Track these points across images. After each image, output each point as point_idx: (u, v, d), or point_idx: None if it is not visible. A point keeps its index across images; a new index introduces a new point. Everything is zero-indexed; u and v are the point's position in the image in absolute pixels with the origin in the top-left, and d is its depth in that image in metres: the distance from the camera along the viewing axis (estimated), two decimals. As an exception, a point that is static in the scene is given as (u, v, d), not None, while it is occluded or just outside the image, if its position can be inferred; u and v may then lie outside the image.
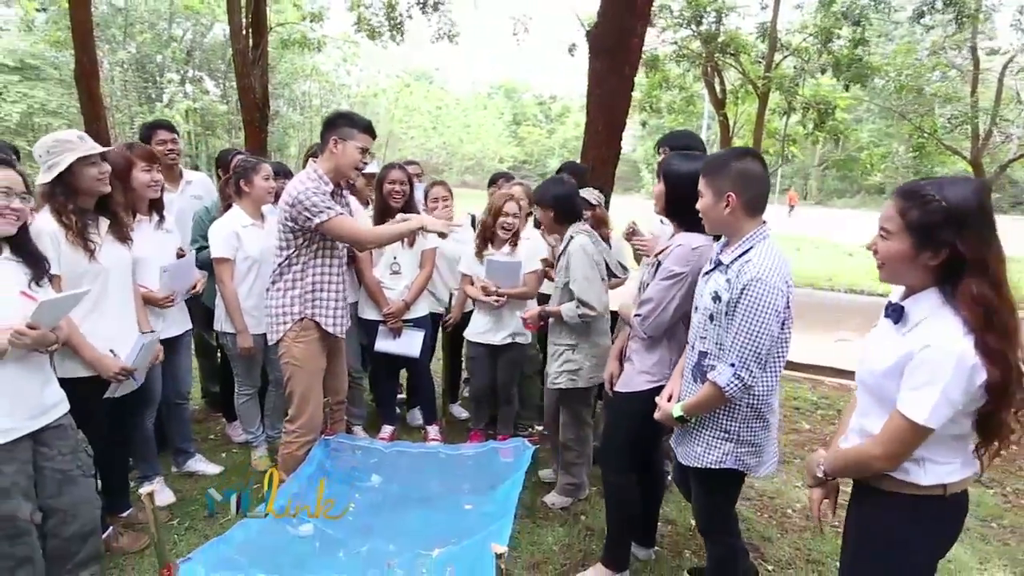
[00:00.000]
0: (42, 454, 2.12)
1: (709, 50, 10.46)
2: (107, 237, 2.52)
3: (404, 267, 3.65)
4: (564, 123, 47.01)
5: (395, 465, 3.18)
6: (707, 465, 2.05)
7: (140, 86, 21.77)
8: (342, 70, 24.77)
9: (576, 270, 2.90)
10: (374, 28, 10.51)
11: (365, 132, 2.80)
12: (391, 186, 3.51)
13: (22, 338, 1.91)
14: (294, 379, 2.88)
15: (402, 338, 3.65)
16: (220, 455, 3.67)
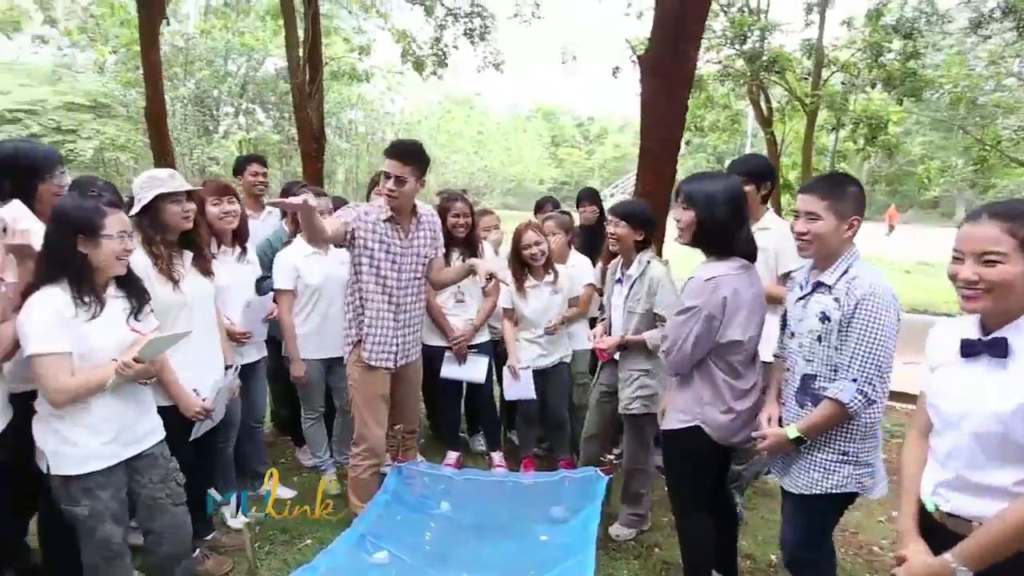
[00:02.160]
0: (136, 481, 2.21)
1: (754, 69, 10.34)
2: (191, 270, 2.63)
3: (469, 296, 3.68)
4: (603, 144, 47.01)
5: (466, 493, 3.18)
6: (827, 490, 1.98)
7: (199, 119, 22.74)
8: (386, 98, 25.43)
9: (664, 297, 2.87)
10: (419, 60, 10.77)
11: (386, 156, 2.83)
12: (455, 219, 3.55)
13: (127, 370, 1.99)
14: (354, 402, 3.00)
15: (467, 364, 3.67)
16: (292, 479, 3.72)
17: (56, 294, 1.96)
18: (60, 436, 2.01)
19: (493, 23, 9.98)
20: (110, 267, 2.04)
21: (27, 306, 1.94)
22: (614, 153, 44.35)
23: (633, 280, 2.98)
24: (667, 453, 2.55)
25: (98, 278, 2.04)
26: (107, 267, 2.03)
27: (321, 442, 3.64)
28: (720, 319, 2.20)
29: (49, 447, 2.01)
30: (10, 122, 16.67)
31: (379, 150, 26.02)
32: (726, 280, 2.19)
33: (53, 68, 18.55)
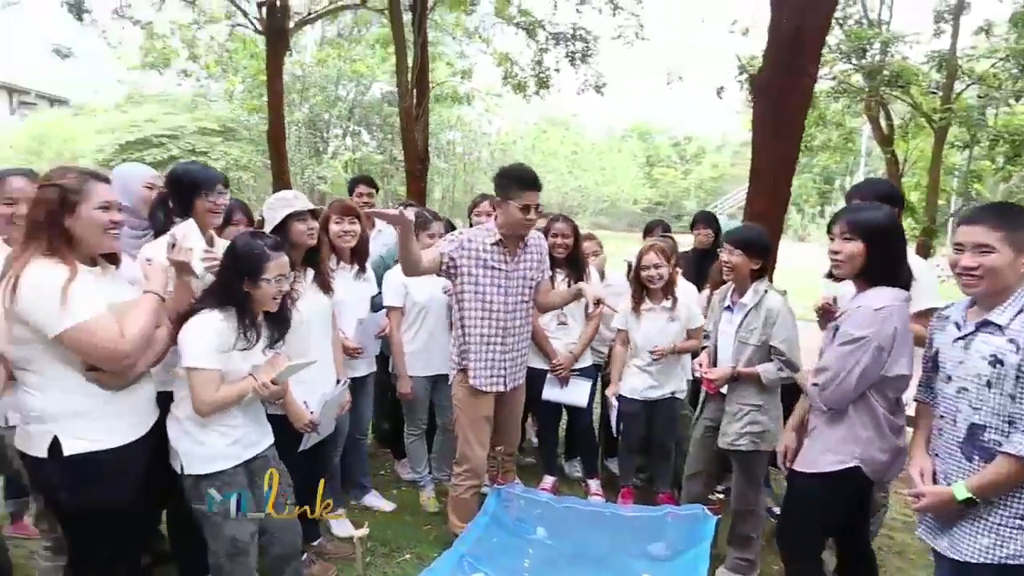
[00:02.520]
0: (252, 482, 2.33)
1: (874, 84, 9.64)
2: (311, 287, 2.77)
3: (572, 318, 3.64)
4: (700, 163, 45.66)
5: (563, 520, 3.12)
6: (1000, 560, 1.75)
7: (311, 141, 24.44)
8: (484, 119, 26.13)
9: (783, 329, 2.73)
10: (520, 83, 10.96)
11: (527, 188, 2.80)
12: (555, 239, 3.54)
13: (264, 391, 2.18)
14: (458, 421, 3.02)
15: (569, 387, 3.62)
16: (391, 491, 3.82)
17: (220, 319, 2.15)
18: (192, 437, 2.18)
19: (595, 45, 9.99)
20: (266, 305, 2.25)
21: (193, 322, 2.13)
22: (711, 173, 42.93)
23: (748, 309, 2.83)
24: (796, 495, 2.37)
25: (257, 312, 2.25)
26: (263, 305, 2.25)
27: (421, 458, 3.70)
28: (888, 351, 2.05)
29: (182, 447, 2.18)
30: (155, 146, 18.70)
31: (475, 169, 26.76)
32: (897, 310, 2.05)
33: (192, 97, 20.66)
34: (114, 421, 1.96)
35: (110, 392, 1.94)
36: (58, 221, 1.84)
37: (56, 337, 1.79)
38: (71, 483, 1.89)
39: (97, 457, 1.91)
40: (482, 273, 2.87)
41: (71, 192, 1.85)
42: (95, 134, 19.53)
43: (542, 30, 10.09)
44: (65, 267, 1.81)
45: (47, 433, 1.87)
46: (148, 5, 10.59)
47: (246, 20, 10.11)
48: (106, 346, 1.84)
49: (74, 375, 1.88)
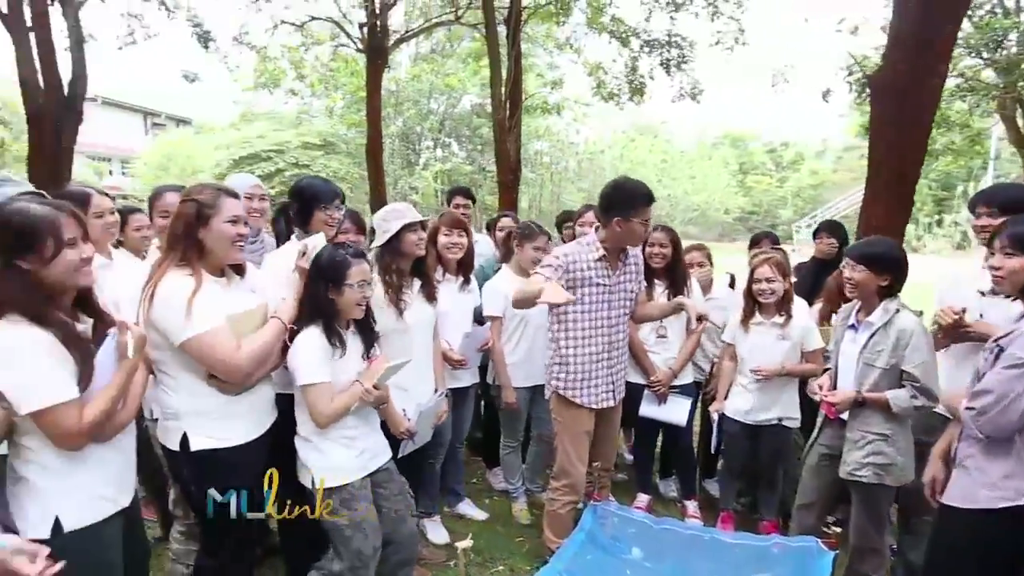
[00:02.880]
0: (379, 494, 2.40)
1: (1010, 80, 8.74)
2: (417, 296, 2.83)
3: (671, 331, 3.52)
4: (798, 171, 43.30)
5: (660, 542, 3.00)
6: None
7: (403, 153, 25.42)
8: (572, 129, 26.13)
9: (917, 352, 2.48)
10: (612, 93, 10.85)
11: (649, 204, 2.75)
12: (652, 248, 3.44)
13: (368, 396, 2.24)
14: (559, 437, 2.96)
15: (668, 404, 3.50)
16: (484, 500, 3.83)
17: (316, 334, 2.25)
18: (320, 452, 2.27)
19: (691, 52, 9.73)
20: (350, 312, 2.30)
21: (296, 344, 2.24)
22: (810, 180, 40.58)
23: (875, 329, 2.60)
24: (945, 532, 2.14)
25: (341, 321, 2.31)
26: (348, 312, 2.30)
27: (516, 469, 3.70)
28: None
29: (311, 463, 2.27)
30: (263, 160, 20.13)
31: (562, 179, 26.79)
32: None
33: (296, 114, 22.11)
34: (234, 421, 2.09)
35: (231, 395, 2.07)
36: (193, 233, 1.98)
37: (180, 345, 1.93)
38: (197, 476, 2.03)
39: (219, 454, 2.03)
40: (588, 291, 2.81)
41: (206, 206, 1.99)
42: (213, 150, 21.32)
43: (636, 38, 9.95)
44: (193, 279, 1.95)
45: (178, 429, 2.02)
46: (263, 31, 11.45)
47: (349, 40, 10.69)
48: (221, 358, 1.95)
49: (199, 379, 2.02)
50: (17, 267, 1.57)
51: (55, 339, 1.59)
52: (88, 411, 1.64)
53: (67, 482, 1.67)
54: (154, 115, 28.77)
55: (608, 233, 2.81)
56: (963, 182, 17.90)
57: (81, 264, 1.65)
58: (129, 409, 1.80)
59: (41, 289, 1.60)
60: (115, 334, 1.73)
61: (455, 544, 2.32)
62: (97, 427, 1.66)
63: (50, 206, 1.63)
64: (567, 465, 2.92)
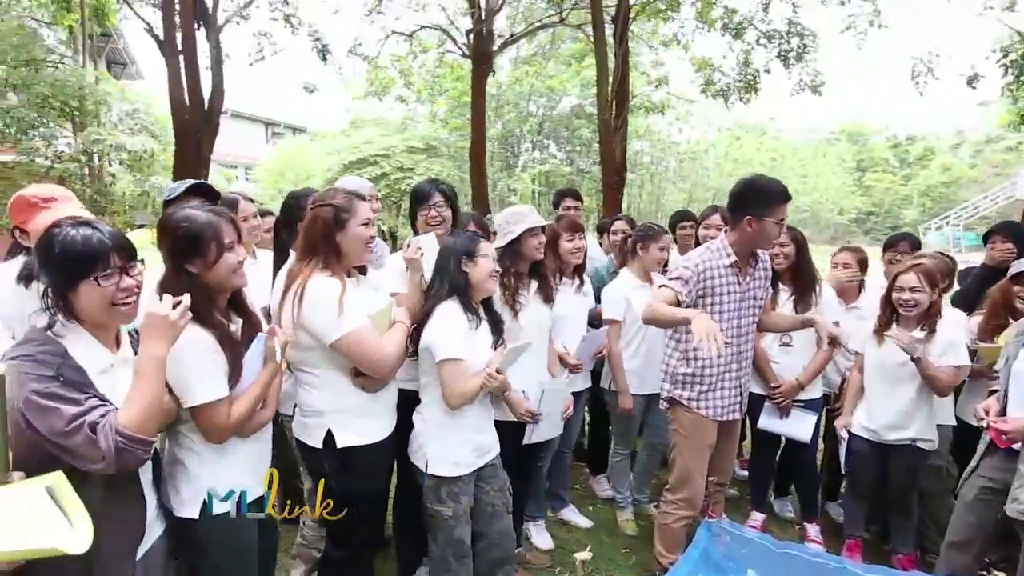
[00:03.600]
0: (480, 488, 2.42)
1: None
2: (534, 298, 2.82)
3: (797, 340, 3.28)
4: (927, 167, 39.45)
5: (778, 566, 2.79)
6: None
7: (502, 156, 25.78)
8: (674, 128, 25.37)
9: None
10: (722, 90, 10.38)
11: (785, 202, 2.59)
12: (772, 249, 3.21)
13: (492, 381, 2.22)
14: (679, 448, 2.83)
15: (791, 418, 3.28)
16: (587, 507, 3.77)
17: (454, 308, 2.30)
18: (439, 439, 2.31)
19: (814, 41, 9.09)
20: (483, 283, 2.34)
21: (435, 319, 2.28)
22: (941, 178, 36.80)
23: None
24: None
25: (475, 296, 2.35)
26: (480, 284, 2.33)
27: (625, 478, 3.61)
28: None
29: (430, 449, 2.32)
30: (371, 164, 21.10)
31: (663, 180, 26.06)
32: None
33: (402, 120, 23.03)
34: (375, 419, 2.18)
35: (371, 393, 2.15)
36: (331, 237, 2.07)
37: (332, 344, 2.00)
38: (340, 471, 2.10)
39: (363, 450, 2.11)
40: (719, 300, 2.68)
41: (343, 211, 2.08)
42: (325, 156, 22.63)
43: (753, 28, 9.41)
44: (337, 281, 2.04)
45: (322, 426, 2.10)
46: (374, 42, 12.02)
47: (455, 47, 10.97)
48: (371, 354, 2.03)
49: (344, 377, 2.11)
50: (186, 270, 1.71)
51: (214, 339, 1.72)
52: (235, 409, 1.76)
53: (216, 468, 1.80)
54: (274, 125, 31.10)
55: (739, 235, 2.66)
56: None
57: (238, 266, 1.77)
58: (269, 407, 1.93)
59: (205, 291, 1.73)
60: (264, 337, 1.84)
61: (574, 555, 2.28)
62: (241, 425, 1.79)
63: (212, 212, 1.76)
64: (686, 479, 2.81)
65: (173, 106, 8.15)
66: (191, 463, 1.78)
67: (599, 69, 7.90)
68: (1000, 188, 26.70)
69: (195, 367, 1.68)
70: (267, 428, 1.98)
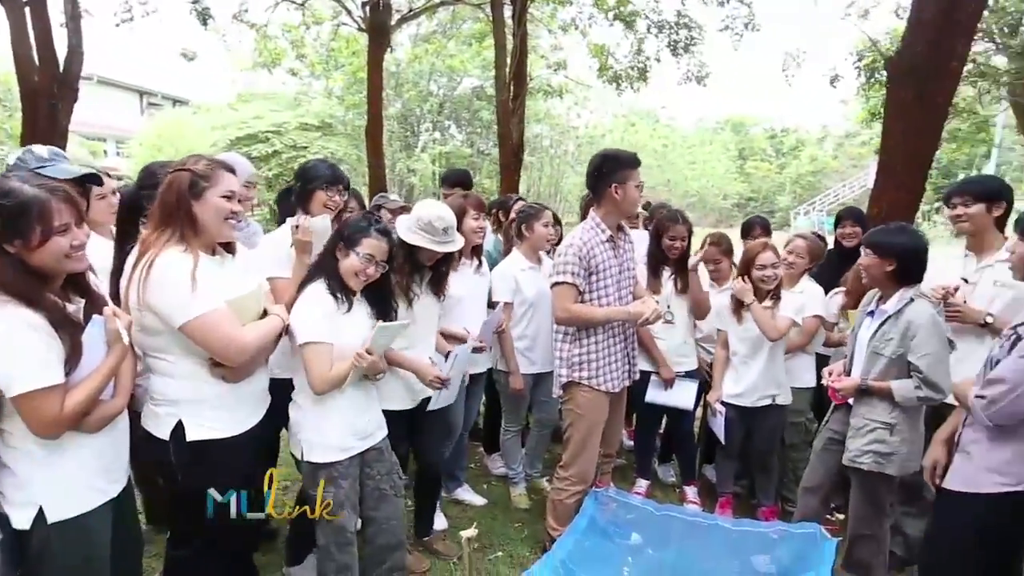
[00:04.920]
0: (365, 473, 2.34)
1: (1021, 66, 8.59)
2: (426, 289, 2.74)
3: (677, 317, 3.45)
4: (797, 157, 43.09)
5: (660, 528, 2.96)
6: None
7: (402, 135, 25.15)
8: (572, 113, 25.89)
9: (924, 344, 2.43)
10: (616, 75, 10.67)
11: (637, 166, 2.76)
12: (671, 241, 3.34)
13: (361, 361, 2.12)
14: (575, 426, 2.86)
15: (674, 389, 3.45)
16: (481, 486, 3.78)
17: (321, 290, 2.18)
18: (313, 425, 2.20)
19: (701, 34, 9.53)
20: (347, 277, 2.21)
21: (300, 301, 2.16)
22: (809, 168, 40.33)
23: (886, 317, 2.55)
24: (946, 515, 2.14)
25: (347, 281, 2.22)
26: (345, 276, 2.21)
27: (516, 454, 3.65)
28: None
29: (304, 435, 2.20)
30: (261, 141, 19.85)
31: (562, 163, 26.57)
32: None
33: (295, 95, 21.80)
34: (232, 411, 1.99)
35: (233, 382, 1.98)
36: (187, 206, 1.86)
37: (181, 327, 1.79)
38: (189, 465, 1.91)
39: (215, 444, 1.92)
40: (603, 275, 2.75)
41: (201, 178, 1.87)
42: (210, 131, 21.01)
43: (642, 19, 9.75)
44: (190, 256, 1.83)
45: (172, 416, 1.90)
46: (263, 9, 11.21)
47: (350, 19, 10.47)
48: (226, 341, 1.84)
49: (200, 366, 1.90)
50: (4, 251, 1.50)
51: (45, 321, 1.51)
52: (71, 398, 1.56)
53: (52, 471, 1.59)
54: (150, 94, 28.38)
55: (608, 206, 2.76)
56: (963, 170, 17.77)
57: (72, 251, 1.57)
58: (120, 397, 1.73)
59: (31, 272, 1.52)
60: (102, 319, 1.64)
61: (459, 533, 2.25)
62: (78, 416, 1.59)
63: (44, 188, 1.54)
64: (581, 455, 2.84)
65: (18, 65, 7.12)
66: (20, 465, 1.57)
67: (497, 50, 7.87)
68: (856, 178, 29.62)
69: (21, 352, 1.48)
70: (121, 420, 1.79)
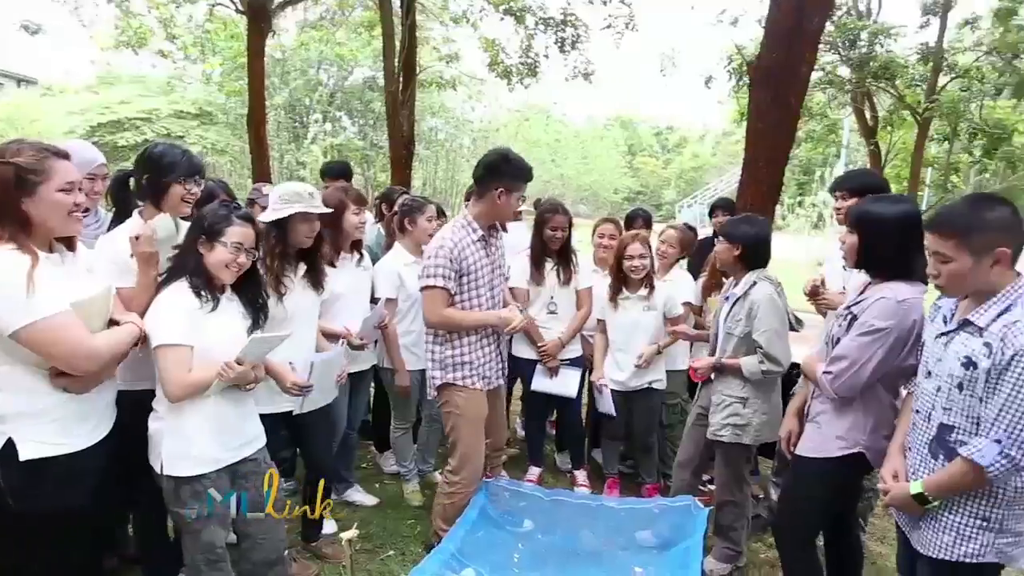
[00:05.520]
0: (239, 485, 2.18)
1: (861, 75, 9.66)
2: (301, 282, 2.61)
3: (561, 307, 3.55)
4: (681, 154, 45.93)
5: (551, 513, 3.05)
6: (959, 558, 1.72)
7: (290, 126, 23.92)
8: (467, 106, 25.84)
9: (763, 321, 2.66)
10: (507, 69, 10.76)
11: (527, 179, 2.74)
12: (552, 232, 3.44)
13: (229, 372, 1.98)
14: (457, 429, 2.78)
15: (559, 377, 3.54)
16: (374, 485, 3.70)
17: (182, 289, 2.01)
18: (175, 437, 2.02)
19: (586, 32, 9.82)
20: (217, 271, 2.06)
21: (157, 301, 1.99)
22: (692, 163, 43.22)
23: (735, 299, 2.78)
24: (799, 480, 2.36)
25: (212, 278, 2.07)
26: (215, 271, 2.06)
27: (408, 451, 3.60)
28: (907, 343, 2.04)
29: (164, 448, 2.02)
30: (127, 129, 18.12)
31: (457, 157, 26.47)
32: (916, 303, 2.05)
33: (168, 79, 20.07)
34: (73, 425, 1.79)
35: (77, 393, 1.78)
36: (16, 204, 1.64)
37: (15, 334, 1.61)
38: (23, 487, 1.71)
39: (54, 462, 1.74)
40: (475, 275, 2.71)
41: (29, 172, 1.66)
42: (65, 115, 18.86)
43: (531, 15, 9.89)
44: (26, 256, 1.62)
45: (1, 435, 1.69)
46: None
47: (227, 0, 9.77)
48: (73, 347, 1.68)
49: (33, 375, 1.72)
50: None
51: None
52: None
53: None
54: (-12, 72, 25.07)
55: (486, 207, 2.71)
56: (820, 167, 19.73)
57: None
58: None
59: None
60: None
61: (340, 535, 2.18)
62: None
63: None
64: (468, 456, 2.78)
65: None
66: None
67: (385, 39, 7.67)
68: (733, 173, 31.90)
69: None
70: None
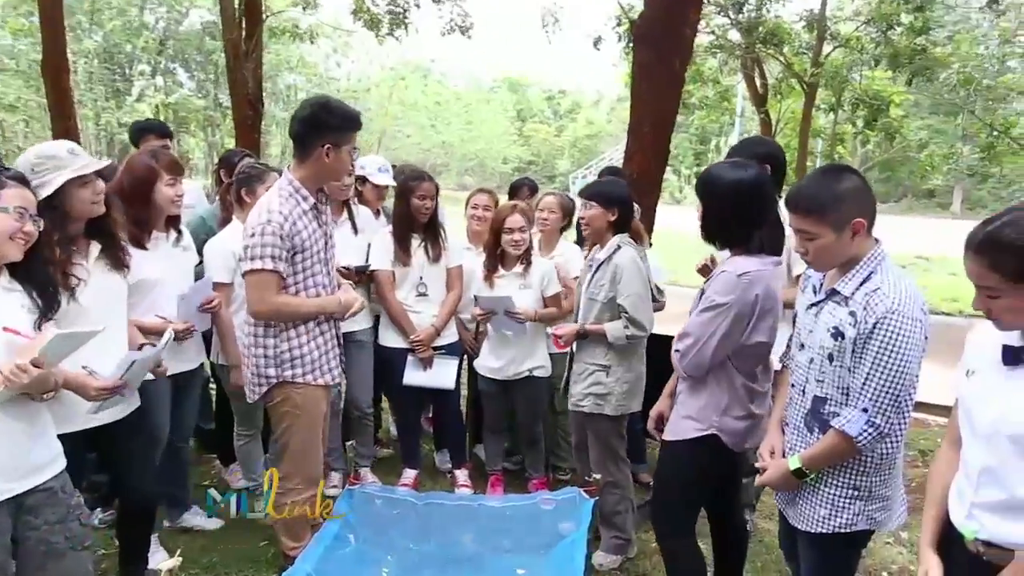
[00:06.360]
0: (26, 522, 1.97)
1: (750, 41, 10.43)
2: (97, 265, 2.38)
3: (432, 288, 3.55)
4: (575, 120, 47.19)
5: (427, 520, 3.07)
6: (834, 529, 1.92)
7: (108, 79, 21.88)
8: (332, 62, 24.96)
9: (627, 285, 2.82)
10: (374, 18, 10.46)
11: (357, 128, 2.58)
12: (420, 201, 3.41)
13: (21, 377, 1.77)
14: (292, 430, 2.64)
15: (433, 369, 3.55)
16: (220, 505, 3.52)
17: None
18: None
19: (462, -19, 9.76)
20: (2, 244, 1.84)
21: None
22: (587, 131, 44.57)
23: (599, 264, 2.92)
24: (663, 464, 2.48)
25: None
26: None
27: (256, 461, 3.46)
28: (750, 319, 2.17)
29: None
30: None
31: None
32: (760, 276, 2.16)
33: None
34: None
35: None
36: None
37: None
38: None
39: None
40: (310, 252, 2.56)
41: None
42: None
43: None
44: None
45: None
46: None
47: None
48: None
49: None
50: None
51: None
52: None
53: None
54: None
55: (313, 168, 2.52)
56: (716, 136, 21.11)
57: None
58: None
59: None
60: None
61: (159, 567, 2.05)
62: None
63: None
64: (305, 458, 2.66)
65: None
66: None
67: (221, -27, 7.19)
68: (628, 142, 33.48)
69: None
70: None
